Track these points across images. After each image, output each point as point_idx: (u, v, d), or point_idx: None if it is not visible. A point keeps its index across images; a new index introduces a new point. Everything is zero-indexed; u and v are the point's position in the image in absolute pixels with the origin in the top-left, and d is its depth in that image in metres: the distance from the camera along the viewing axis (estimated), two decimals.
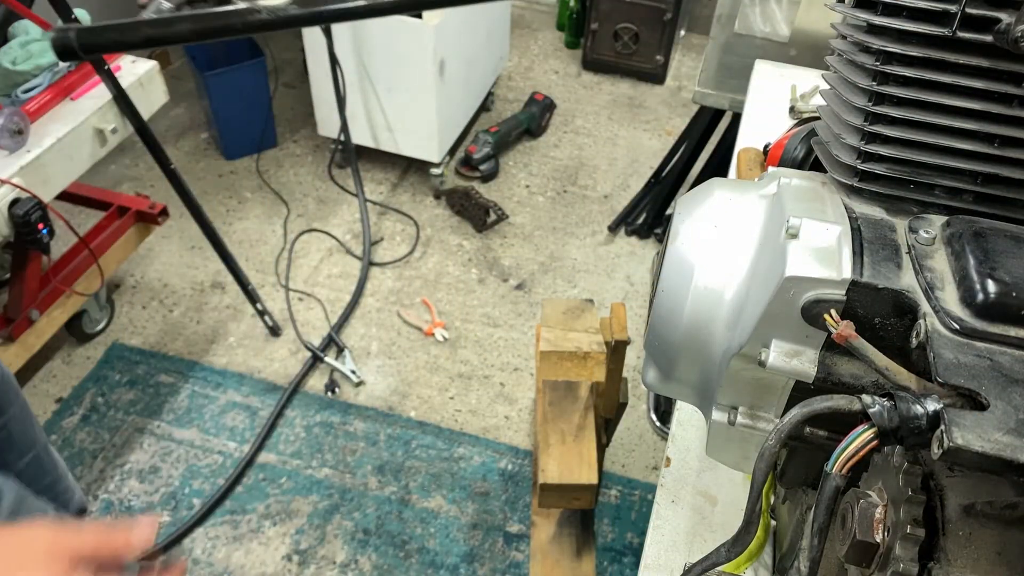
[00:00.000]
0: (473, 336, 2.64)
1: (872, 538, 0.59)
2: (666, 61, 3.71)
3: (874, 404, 0.57)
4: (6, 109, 1.86)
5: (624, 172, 3.30)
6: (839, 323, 0.61)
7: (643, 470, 2.31)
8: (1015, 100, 0.68)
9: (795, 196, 0.71)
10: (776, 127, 1.26)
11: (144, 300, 2.70)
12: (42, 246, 1.94)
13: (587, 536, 1.93)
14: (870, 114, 0.71)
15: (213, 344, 2.57)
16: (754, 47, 2.03)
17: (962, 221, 0.67)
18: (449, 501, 2.21)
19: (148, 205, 2.49)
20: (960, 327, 0.60)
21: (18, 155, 1.89)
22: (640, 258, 2.94)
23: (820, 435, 0.69)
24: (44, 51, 1.99)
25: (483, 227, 3.00)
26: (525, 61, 3.90)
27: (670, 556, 1.04)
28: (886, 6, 0.69)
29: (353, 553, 2.10)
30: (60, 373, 2.47)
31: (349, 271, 2.84)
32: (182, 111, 3.41)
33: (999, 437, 0.52)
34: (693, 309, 0.72)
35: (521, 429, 2.39)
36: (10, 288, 2.13)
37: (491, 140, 3.19)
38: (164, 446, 2.30)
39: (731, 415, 0.74)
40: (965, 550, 0.57)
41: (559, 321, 1.89)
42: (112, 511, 2.15)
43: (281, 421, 2.38)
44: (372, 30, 2.74)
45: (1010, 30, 0.64)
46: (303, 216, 3.03)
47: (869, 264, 0.64)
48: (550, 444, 1.66)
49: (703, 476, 1.12)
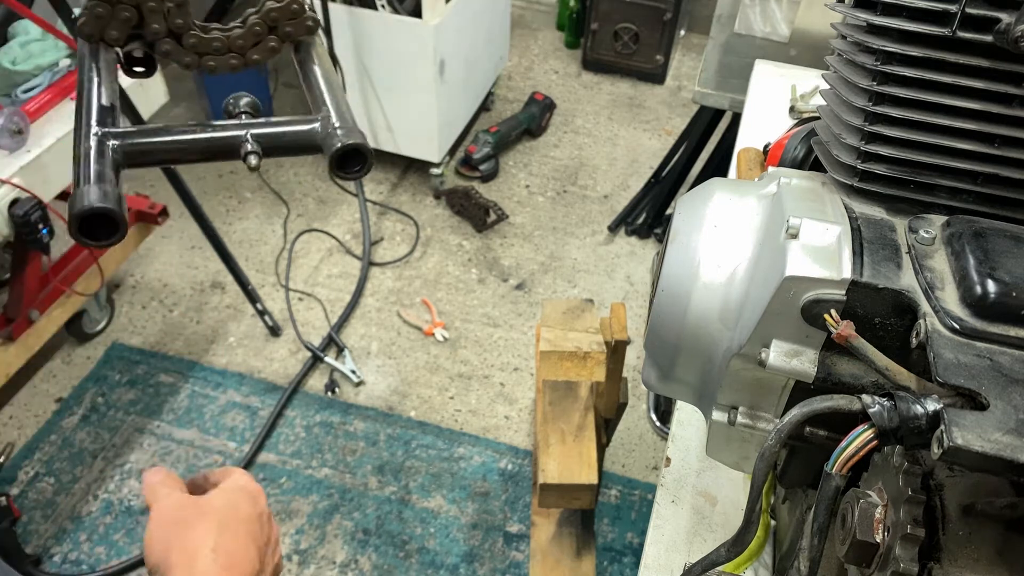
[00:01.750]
0: (473, 336, 2.64)
1: (872, 538, 0.59)
2: (666, 61, 3.71)
3: (874, 404, 0.57)
4: (6, 109, 1.86)
5: (624, 172, 3.30)
6: (839, 323, 0.61)
7: (643, 470, 2.31)
8: (1015, 100, 0.68)
9: (795, 196, 0.71)
10: (776, 127, 1.26)
11: (144, 300, 2.70)
12: (42, 246, 1.94)
13: (587, 536, 1.93)
14: (870, 114, 0.71)
15: (213, 344, 2.57)
16: (754, 47, 2.03)
17: (962, 221, 0.67)
18: (449, 501, 2.21)
19: (148, 205, 2.49)
20: (960, 327, 0.60)
21: (18, 155, 1.89)
22: (640, 258, 2.94)
23: (820, 435, 0.69)
24: (44, 51, 1.99)
25: (483, 227, 3.00)
26: (525, 61, 3.90)
27: (670, 556, 1.04)
28: (886, 6, 0.69)
29: (353, 553, 2.10)
30: (60, 373, 2.47)
31: (349, 271, 2.84)
32: (182, 111, 3.41)
33: (999, 437, 0.52)
34: (693, 309, 0.72)
35: (521, 429, 2.39)
36: (10, 288, 2.13)
37: (491, 140, 3.19)
38: (164, 446, 2.30)
39: (731, 415, 0.74)
40: (965, 550, 0.57)
41: (559, 321, 1.89)
42: (112, 511, 2.15)
43: (281, 421, 2.38)
44: (372, 30, 2.74)
45: (1010, 30, 0.63)
46: (303, 216, 3.03)
47: (869, 264, 0.64)
48: (550, 444, 1.66)
49: (703, 476, 1.12)
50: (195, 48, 0.91)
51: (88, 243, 0.72)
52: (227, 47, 0.93)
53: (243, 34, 0.93)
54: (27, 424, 2.34)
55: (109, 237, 0.72)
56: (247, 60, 0.95)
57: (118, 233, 0.72)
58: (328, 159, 0.84)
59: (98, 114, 0.80)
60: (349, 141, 0.83)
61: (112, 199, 0.70)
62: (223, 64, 0.94)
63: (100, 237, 0.72)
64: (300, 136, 0.87)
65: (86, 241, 0.72)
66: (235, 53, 0.94)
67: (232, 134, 0.84)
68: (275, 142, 0.86)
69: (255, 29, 0.93)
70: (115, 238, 0.72)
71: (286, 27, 0.96)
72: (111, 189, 0.71)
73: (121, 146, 0.78)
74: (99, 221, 0.71)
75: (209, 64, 0.93)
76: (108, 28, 0.87)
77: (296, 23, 0.97)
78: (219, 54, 0.93)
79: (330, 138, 0.85)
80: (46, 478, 2.21)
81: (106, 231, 0.71)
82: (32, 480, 2.20)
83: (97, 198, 0.69)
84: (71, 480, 2.21)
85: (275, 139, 0.86)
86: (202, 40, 0.91)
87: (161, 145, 0.83)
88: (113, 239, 0.72)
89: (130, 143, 0.79)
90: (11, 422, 2.34)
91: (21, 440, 2.30)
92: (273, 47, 0.96)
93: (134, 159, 0.80)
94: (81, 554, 2.07)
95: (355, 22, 2.73)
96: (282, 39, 0.97)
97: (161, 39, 0.89)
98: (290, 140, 0.87)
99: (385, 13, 2.71)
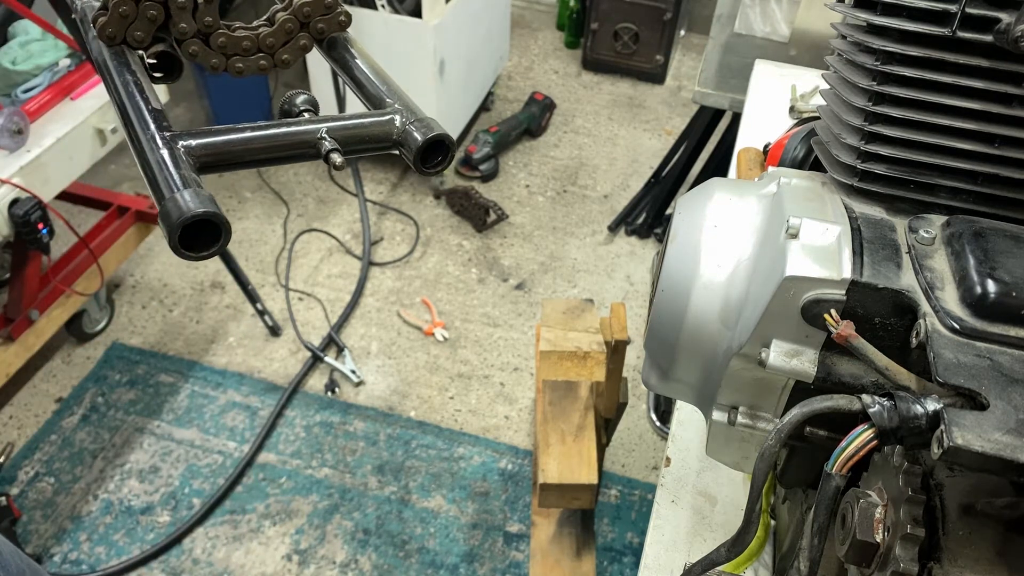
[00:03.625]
0: (473, 336, 2.64)
1: (872, 538, 0.59)
2: (666, 61, 3.71)
3: (874, 404, 0.57)
4: (6, 109, 1.86)
5: (624, 172, 3.30)
6: (839, 323, 0.61)
7: (643, 470, 2.31)
8: (1015, 100, 0.68)
9: (795, 196, 0.71)
10: (776, 127, 1.26)
11: (144, 300, 2.70)
12: (42, 246, 1.94)
13: (587, 536, 1.93)
14: (870, 114, 0.71)
15: (213, 344, 2.57)
16: (754, 47, 2.03)
17: (962, 221, 0.67)
18: (449, 501, 2.21)
19: (148, 205, 2.49)
20: (960, 327, 0.60)
21: (18, 155, 1.89)
22: (640, 258, 2.94)
23: (820, 435, 0.69)
24: (44, 51, 1.99)
25: (483, 227, 3.00)
26: (525, 61, 3.90)
27: (670, 556, 1.04)
28: (886, 6, 0.69)
29: (353, 553, 2.10)
30: (60, 373, 2.47)
31: (349, 271, 2.84)
32: (182, 111, 3.41)
33: (999, 437, 0.52)
34: (693, 309, 0.72)
35: (521, 429, 2.39)
36: (10, 288, 2.13)
37: (491, 140, 3.19)
38: (164, 446, 2.30)
39: (731, 415, 0.74)
40: (965, 549, 0.57)
41: (559, 321, 1.89)
42: (112, 511, 2.15)
43: (281, 421, 2.38)
44: (372, 30, 2.74)
45: (1010, 30, 0.63)
46: (303, 216, 3.03)
47: (869, 264, 0.64)
48: (550, 444, 1.66)
49: (703, 476, 1.12)
50: (223, 49, 0.84)
51: (189, 255, 0.63)
52: (256, 47, 0.86)
53: (273, 32, 0.86)
54: (27, 424, 2.34)
55: (211, 246, 0.63)
56: (276, 60, 0.88)
57: (221, 240, 0.63)
58: (413, 154, 0.76)
59: (153, 119, 0.72)
60: (433, 133, 0.76)
61: (211, 203, 0.62)
62: (251, 66, 0.87)
63: (198, 248, 0.64)
64: (378, 130, 0.79)
65: (186, 254, 0.63)
66: (264, 53, 0.87)
67: (307, 129, 0.76)
68: (352, 138, 0.77)
69: (286, 27, 0.87)
70: (218, 246, 0.63)
71: (319, 23, 0.89)
72: (206, 193, 0.64)
73: (194, 149, 0.70)
74: (197, 230, 0.63)
75: (237, 66, 0.86)
76: (132, 29, 0.80)
77: (329, 19, 0.90)
78: (248, 55, 0.86)
79: (410, 132, 0.77)
80: (46, 478, 2.21)
81: (205, 240, 0.63)
82: (32, 480, 2.20)
83: (197, 204, 0.62)
84: (71, 480, 2.21)
85: (352, 135, 0.78)
86: (231, 40, 0.84)
87: (236, 146, 0.74)
88: (216, 247, 0.64)
89: (203, 145, 0.71)
90: (11, 422, 2.34)
91: (21, 440, 2.30)
92: (304, 45, 0.89)
93: (209, 163, 0.72)
94: (81, 554, 2.07)
95: (355, 22, 2.71)
96: (314, 37, 0.90)
97: (188, 39, 0.82)
98: (368, 135, 0.78)
99: (385, 13, 2.71)
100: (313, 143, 0.76)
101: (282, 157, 0.78)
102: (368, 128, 0.79)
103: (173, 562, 2.06)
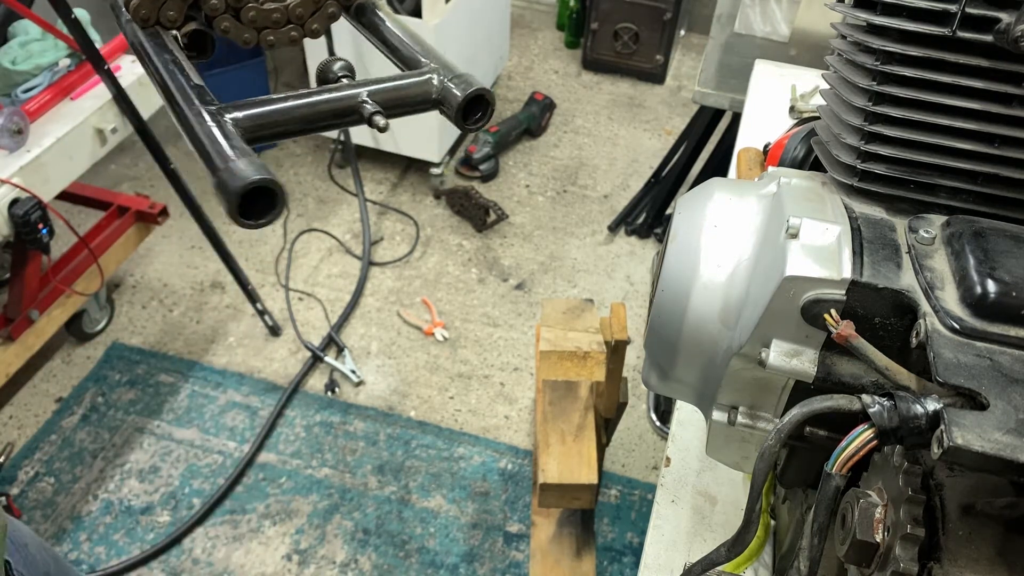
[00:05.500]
0: (473, 336, 2.64)
1: (872, 538, 0.59)
2: (666, 61, 3.71)
3: (874, 404, 0.57)
4: (6, 109, 1.86)
5: (624, 172, 3.30)
6: (839, 323, 0.61)
7: (643, 470, 2.31)
8: (1015, 100, 0.68)
9: (795, 196, 0.71)
10: (776, 127, 1.26)
11: (144, 300, 2.70)
12: (42, 246, 1.94)
13: (587, 536, 1.93)
14: (870, 114, 0.71)
15: (213, 344, 2.57)
16: (754, 47, 2.03)
17: (962, 221, 0.67)
18: (449, 501, 2.21)
19: (148, 205, 2.49)
20: (960, 327, 0.60)
21: (18, 155, 1.89)
22: (640, 258, 2.94)
23: (820, 435, 0.69)
24: (44, 51, 1.99)
25: (483, 227, 3.00)
26: (525, 61, 3.90)
27: (670, 556, 1.04)
28: (886, 6, 0.69)
29: (353, 553, 2.10)
30: (60, 373, 2.47)
31: (349, 271, 2.84)
32: None
33: (999, 437, 0.52)
34: (693, 309, 0.72)
35: (521, 429, 2.39)
36: (10, 288, 2.13)
37: (491, 140, 3.19)
38: (164, 446, 2.30)
39: (731, 415, 0.74)
40: (965, 549, 0.57)
41: (559, 321, 1.89)
42: (112, 511, 2.15)
43: (281, 421, 2.38)
44: None
45: (1010, 30, 0.63)
46: (303, 216, 3.03)
47: (869, 264, 0.64)
48: (550, 444, 1.66)
49: (703, 476, 1.12)
50: (254, 23, 0.84)
51: (248, 224, 0.64)
52: (286, 18, 0.85)
53: (301, 3, 0.85)
54: (27, 424, 2.34)
55: (266, 213, 0.65)
56: (307, 31, 0.87)
57: (277, 207, 0.65)
58: (454, 111, 0.76)
59: (197, 94, 0.72)
60: (473, 88, 0.76)
61: (266, 170, 0.63)
62: (282, 38, 0.86)
63: (255, 216, 0.65)
64: (418, 90, 0.78)
65: (245, 222, 0.64)
66: (294, 24, 0.86)
67: (349, 94, 0.76)
68: (394, 99, 0.77)
69: None
70: (274, 213, 0.65)
71: None
72: (259, 162, 0.65)
73: (241, 121, 0.71)
74: (253, 199, 0.64)
75: (268, 39, 0.85)
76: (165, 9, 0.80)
77: None
78: (278, 27, 0.85)
79: (450, 89, 0.77)
80: (46, 478, 2.21)
81: (260, 208, 0.64)
82: (32, 480, 2.20)
83: (254, 171, 0.63)
84: (71, 480, 2.21)
85: (393, 97, 0.77)
86: (261, 13, 0.83)
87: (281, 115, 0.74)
88: (272, 215, 0.65)
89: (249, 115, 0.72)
90: (11, 422, 2.34)
91: (21, 440, 2.30)
92: (332, 13, 0.89)
93: (256, 132, 0.72)
94: (81, 554, 2.07)
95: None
96: (342, 4, 0.90)
97: (219, 15, 0.82)
98: (408, 96, 0.78)
99: None
100: (356, 107, 0.76)
101: (326, 124, 0.78)
102: (408, 89, 0.79)
103: (173, 562, 2.07)
